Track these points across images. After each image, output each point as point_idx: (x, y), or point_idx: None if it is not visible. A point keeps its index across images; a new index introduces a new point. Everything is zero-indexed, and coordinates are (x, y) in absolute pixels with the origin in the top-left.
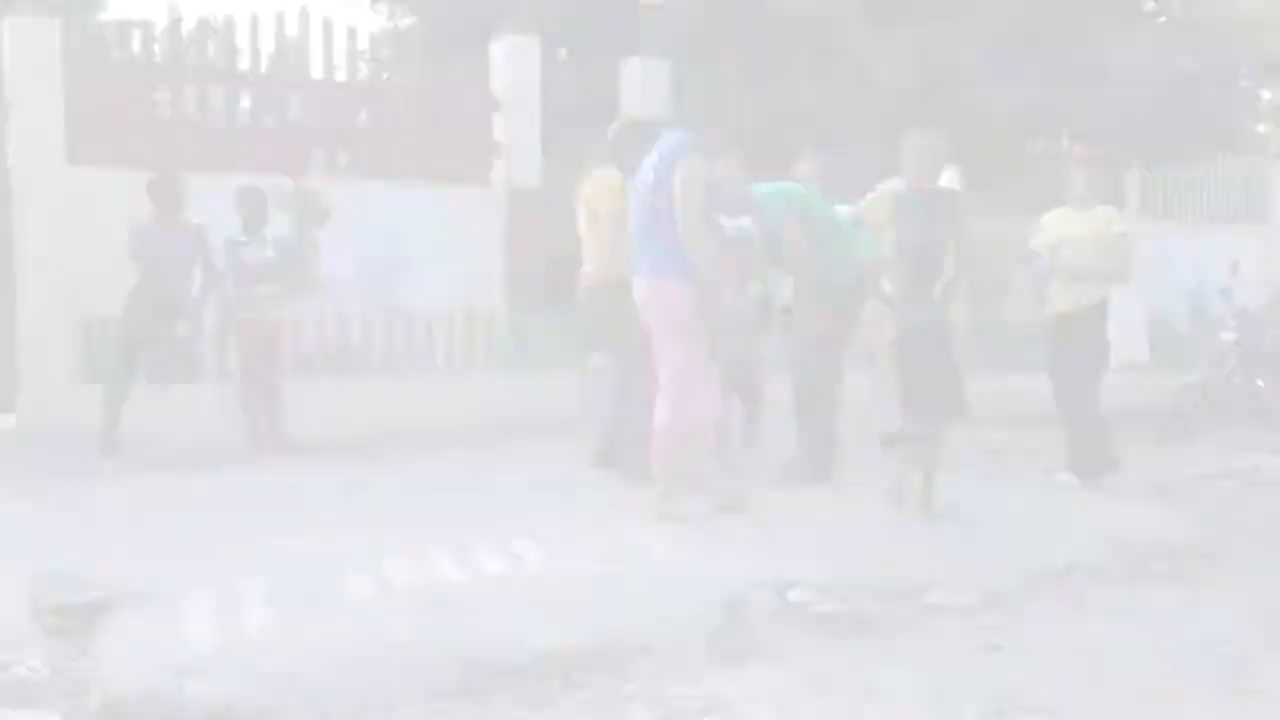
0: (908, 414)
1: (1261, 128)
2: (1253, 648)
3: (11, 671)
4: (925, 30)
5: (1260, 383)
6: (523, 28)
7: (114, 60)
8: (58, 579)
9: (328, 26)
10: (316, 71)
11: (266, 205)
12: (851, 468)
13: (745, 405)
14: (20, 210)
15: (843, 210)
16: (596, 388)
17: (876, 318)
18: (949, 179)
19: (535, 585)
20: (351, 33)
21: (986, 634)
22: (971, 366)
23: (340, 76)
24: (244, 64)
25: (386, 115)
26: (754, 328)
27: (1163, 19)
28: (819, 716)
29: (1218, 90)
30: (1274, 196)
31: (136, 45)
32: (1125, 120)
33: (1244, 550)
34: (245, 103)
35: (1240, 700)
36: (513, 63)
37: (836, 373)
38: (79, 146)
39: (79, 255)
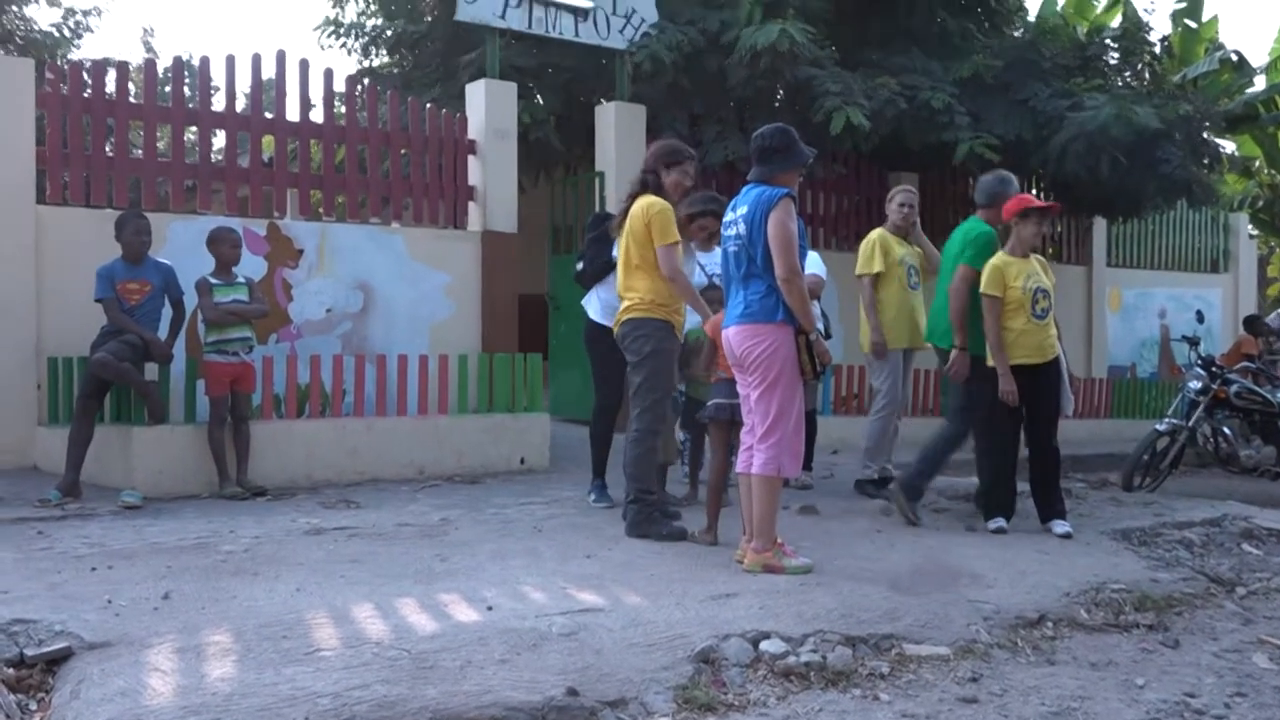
0: None
1: (1225, 179)
2: (1224, 699)
3: None
4: (897, 75)
5: (1226, 430)
6: (499, 71)
7: (88, 99)
8: (16, 630)
9: (304, 68)
10: (292, 113)
11: (240, 246)
12: (830, 515)
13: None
14: None
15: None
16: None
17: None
18: None
19: (507, 636)
20: (328, 74)
21: (962, 686)
22: None
23: (316, 118)
24: (219, 104)
25: (362, 157)
26: None
27: (1127, 73)
28: None
29: (1180, 142)
30: (1237, 246)
31: (111, 84)
32: (1088, 170)
33: (1214, 599)
34: (220, 143)
35: None
36: (488, 106)
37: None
38: (50, 186)
39: (46, 295)
